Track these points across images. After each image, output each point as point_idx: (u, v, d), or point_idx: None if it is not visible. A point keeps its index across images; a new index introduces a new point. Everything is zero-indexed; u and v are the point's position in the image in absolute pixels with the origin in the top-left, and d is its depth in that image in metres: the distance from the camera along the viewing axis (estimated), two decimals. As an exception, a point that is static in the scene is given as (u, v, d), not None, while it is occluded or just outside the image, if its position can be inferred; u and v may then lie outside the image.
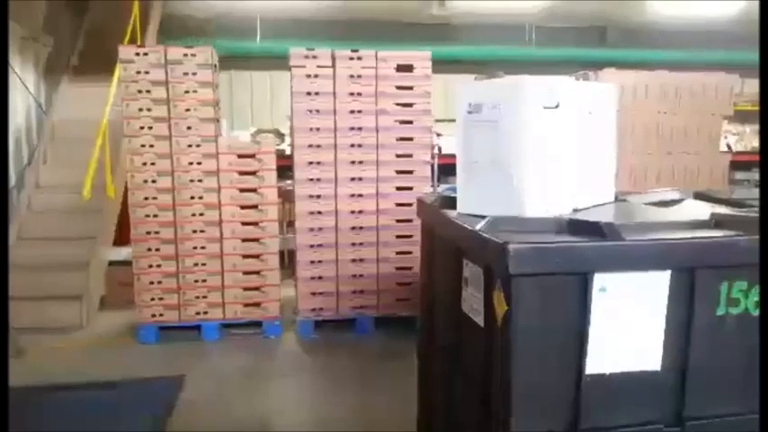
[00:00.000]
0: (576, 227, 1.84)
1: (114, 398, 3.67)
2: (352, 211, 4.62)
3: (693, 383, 1.83)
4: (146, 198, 4.51)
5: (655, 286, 1.76)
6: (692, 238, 1.80)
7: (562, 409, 1.80)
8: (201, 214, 4.55)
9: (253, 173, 4.59)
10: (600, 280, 1.71)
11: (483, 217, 1.94)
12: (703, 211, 2.07)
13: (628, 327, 1.77)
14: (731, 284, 1.79)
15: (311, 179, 4.58)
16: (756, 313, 1.82)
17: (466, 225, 1.99)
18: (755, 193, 2.79)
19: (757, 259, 1.77)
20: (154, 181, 4.51)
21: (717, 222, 1.92)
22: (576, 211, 2.04)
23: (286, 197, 5.47)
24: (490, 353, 1.89)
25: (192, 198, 4.55)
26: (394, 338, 4.48)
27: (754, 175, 7.55)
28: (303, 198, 4.60)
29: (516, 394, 1.77)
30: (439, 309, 2.43)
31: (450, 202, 2.33)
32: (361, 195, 4.60)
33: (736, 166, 6.87)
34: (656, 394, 1.84)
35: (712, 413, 1.86)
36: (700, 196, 2.54)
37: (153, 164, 4.50)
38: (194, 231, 4.56)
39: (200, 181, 4.54)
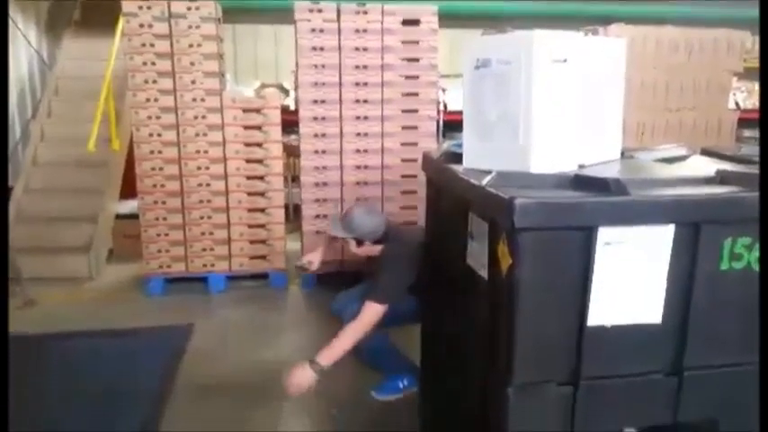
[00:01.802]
0: (582, 182, 1.85)
1: (124, 345, 3.76)
2: (357, 167, 4.62)
3: (693, 335, 1.87)
4: (151, 152, 4.52)
5: (659, 241, 1.78)
6: (697, 193, 1.82)
7: (563, 359, 1.85)
8: (207, 168, 4.57)
9: (258, 127, 4.59)
10: (604, 234, 1.73)
11: (489, 172, 1.96)
12: (709, 167, 2.08)
13: (630, 280, 1.80)
14: (735, 240, 1.81)
15: (316, 134, 4.57)
16: (758, 268, 1.84)
17: (472, 180, 2.00)
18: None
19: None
20: (159, 135, 4.50)
21: (722, 178, 1.93)
22: (582, 167, 2.05)
23: (290, 152, 5.48)
24: (494, 306, 1.93)
25: (198, 152, 4.55)
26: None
27: (762, 132, 7.47)
28: (308, 153, 4.60)
29: (519, 345, 1.81)
30: (444, 263, 2.46)
31: (456, 158, 2.34)
32: (366, 151, 4.60)
33: (745, 123, 6.80)
34: (655, 346, 1.88)
35: (710, 363, 1.91)
36: (706, 153, 2.54)
37: (158, 117, 4.49)
38: (200, 185, 4.59)
39: (204, 135, 4.53)
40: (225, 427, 2.85)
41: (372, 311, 2.67)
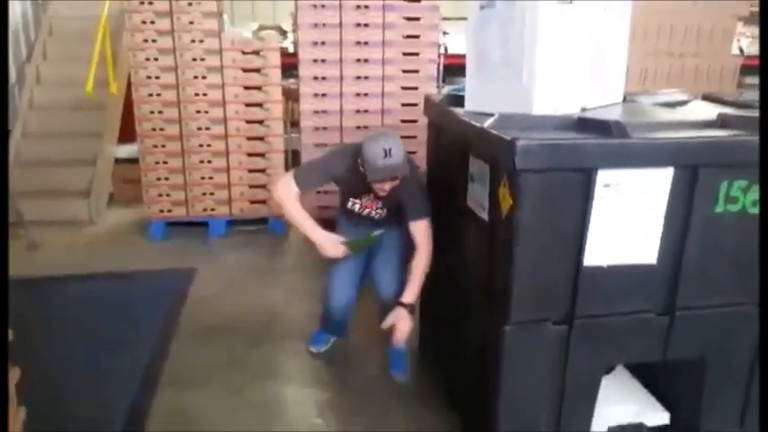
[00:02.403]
0: (584, 125, 1.87)
1: (128, 288, 3.82)
2: (357, 111, 4.59)
3: (686, 276, 1.92)
4: (150, 95, 4.47)
5: (657, 183, 1.81)
6: (696, 136, 1.84)
7: (560, 299, 1.91)
8: (206, 112, 4.53)
9: (257, 70, 4.53)
10: (604, 176, 1.76)
11: (491, 115, 1.96)
12: (710, 111, 2.09)
13: (628, 222, 1.84)
14: (731, 183, 1.84)
15: (315, 77, 4.52)
16: (753, 211, 1.88)
17: (474, 122, 2.01)
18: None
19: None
20: (157, 77, 4.45)
21: (722, 122, 1.94)
22: (584, 110, 2.05)
23: (289, 96, 5.42)
24: (494, 246, 1.97)
25: (197, 95, 4.51)
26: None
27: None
28: (307, 96, 4.57)
29: (517, 286, 1.86)
30: (444, 206, 2.49)
31: (458, 101, 2.34)
32: (366, 95, 4.56)
33: (747, 70, 6.72)
34: (649, 286, 1.94)
35: (701, 304, 1.97)
36: (708, 98, 2.55)
37: (156, 59, 4.42)
38: (199, 129, 4.56)
39: (203, 77, 4.48)
40: (227, 369, 2.92)
41: (428, 229, 2.55)
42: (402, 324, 2.56)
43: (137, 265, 4.18)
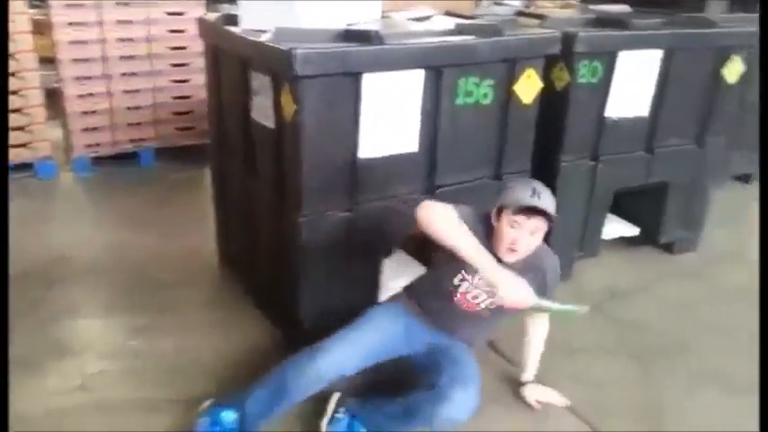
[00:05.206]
0: (350, 35, 2.14)
1: None
2: (121, 39, 4.38)
3: (441, 159, 2.35)
4: None
5: (412, 83, 2.17)
6: (440, 41, 2.22)
7: (343, 189, 2.21)
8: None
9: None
10: (369, 79, 2.07)
11: (266, 31, 2.14)
12: (450, 23, 2.49)
13: (392, 118, 2.18)
14: (467, 79, 2.27)
15: (69, 4, 4.20)
16: (485, 102, 2.34)
17: (252, 38, 2.17)
18: (493, 9, 3.34)
19: (489, 58, 2.27)
20: None
21: (459, 30, 2.36)
22: (349, 24, 2.32)
23: (38, 28, 4.93)
24: (281, 149, 2.20)
25: None
26: (178, 169, 4.56)
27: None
28: (62, 26, 4.23)
29: (305, 181, 2.13)
30: (230, 124, 2.64)
31: (233, 20, 2.47)
32: (130, 22, 4.36)
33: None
34: (415, 170, 2.34)
35: (454, 181, 2.43)
36: (449, 13, 2.98)
37: None
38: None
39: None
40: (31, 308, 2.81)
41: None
42: (551, 397, 2.24)
43: None
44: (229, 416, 1.96)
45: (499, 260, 1.90)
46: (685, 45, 2.83)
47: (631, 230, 3.22)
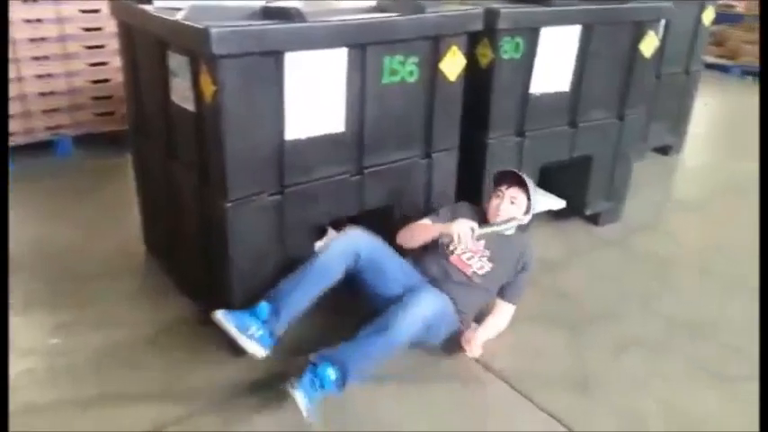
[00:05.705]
0: (269, 13, 2.08)
1: None
2: (28, 20, 4.12)
3: (368, 139, 2.33)
4: None
5: (335, 62, 2.13)
6: (362, 18, 2.18)
7: (270, 172, 2.16)
8: None
9: None
10: (291, 58, 2.01)
11: (180, 9, 2.05)
12: (372, 1, 2.46)
13: (317, 98, 2.14)
14: (392, 58, 2.25)
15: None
16: (410, 80, 2.33)
17: (166, 16, 2.08)
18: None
19: (413, 35, 2.25)
20: None
21: (381, 8, 2.33)
22: (269, 2, 2.25)
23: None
24: (203, 133, 2.12)
25: None
26: (99, 157, 4.37)
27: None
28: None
29: (230, 165, 2.06)
30: (149, 107, 2.53)
31: (145, -2, 2.35)
32: (35, 0, 4.11)
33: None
34: (343, 151, 2.30)
35: (384, 161, 2.42)
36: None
37: None
38: None
39: None
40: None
41: (511, 315, 2.51)
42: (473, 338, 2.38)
43: None
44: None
45: None
46: (603, 20, 2.90)
47: (558, 204, 3.31)
